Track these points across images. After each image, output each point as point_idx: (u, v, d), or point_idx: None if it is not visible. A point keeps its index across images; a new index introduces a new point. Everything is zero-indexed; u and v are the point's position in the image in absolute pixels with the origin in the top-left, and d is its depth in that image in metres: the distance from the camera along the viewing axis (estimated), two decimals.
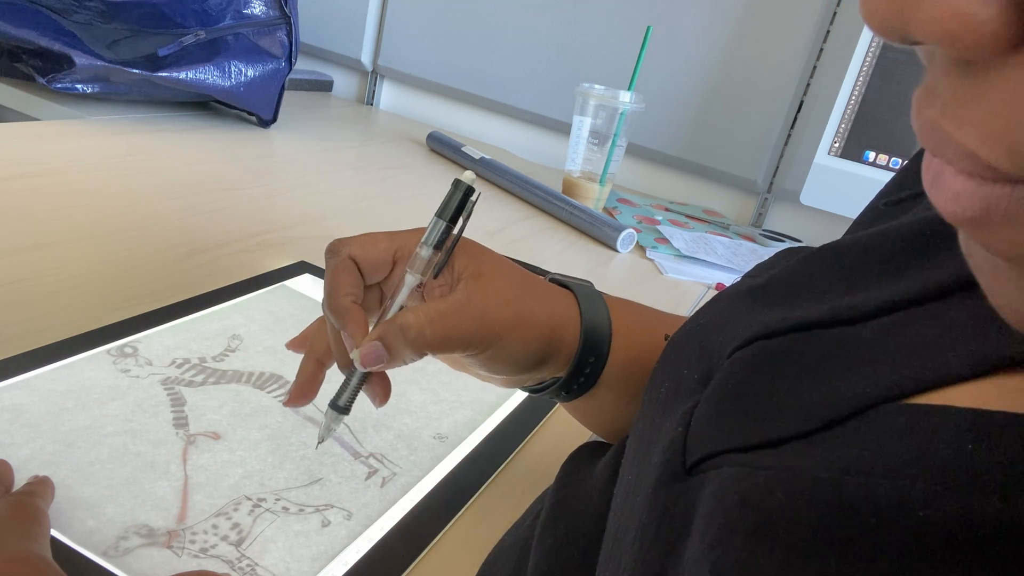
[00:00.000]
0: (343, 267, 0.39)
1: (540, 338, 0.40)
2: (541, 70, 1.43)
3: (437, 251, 0.39)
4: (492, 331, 0.38)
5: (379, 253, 0.40)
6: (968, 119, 0.14)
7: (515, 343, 0.39)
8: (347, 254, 0.40)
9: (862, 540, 0.16)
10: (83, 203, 0.76)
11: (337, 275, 0.39)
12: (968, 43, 0.13)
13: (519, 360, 0.40)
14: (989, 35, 0.12)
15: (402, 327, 0.37)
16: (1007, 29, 0.12)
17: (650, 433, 0.28)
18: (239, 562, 0.38)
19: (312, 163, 1.10)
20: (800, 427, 0.21)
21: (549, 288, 0.43)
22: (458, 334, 0.38)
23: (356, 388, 0.41)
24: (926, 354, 0.20)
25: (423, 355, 0.39)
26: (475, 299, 0.39)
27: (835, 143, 1.11)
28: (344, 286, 0.39)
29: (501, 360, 0.40)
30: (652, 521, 0.23)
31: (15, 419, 0.43)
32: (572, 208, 1.09)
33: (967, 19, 0.12)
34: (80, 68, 0.98)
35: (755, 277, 0.31)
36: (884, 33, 0.14)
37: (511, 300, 0.40)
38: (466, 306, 0.38)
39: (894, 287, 0.24)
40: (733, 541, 0.19)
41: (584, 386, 0.42)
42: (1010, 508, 0.15)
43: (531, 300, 0.41)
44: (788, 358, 0.24)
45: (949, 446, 0.17)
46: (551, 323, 0.41)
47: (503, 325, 0.39)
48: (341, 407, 0.41)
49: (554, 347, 0.41)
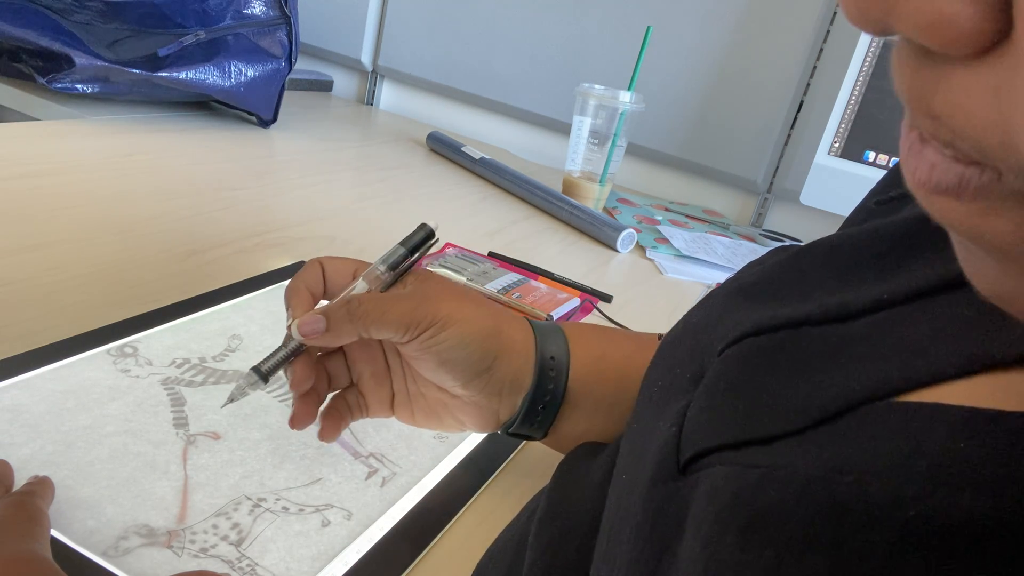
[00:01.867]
0: (309, 267, 0.45)
1: (483, 329, 0.42)
2: (541, 70, 1.43)
3: (391, 271, 0.43)
4: (431, 313, 0.41)
5: (344, 265, 0.45)
6: (947, 111, 0.14)
7: (456, 328, 0.41)
8: (316, 260, 0.45)
9: (853, 538, 0.16)
10: (83, 203, 0.76)
11: (302, 272, 0.45)
12: (949, 40, 0.13)
13: (463, 347, 0.41)
14: (970, 33, 0.12)
15: (347, 300, 0.41)
16: (988, 27, 0.12)
17: (644, 432, 0.28)
18: (239, 562, 0.38)
19: (312, 163, 1.10)
20: (792, 425, 0.21)
21: (499, 305, 0.47)
22: (397, 312, 0.41)
23: (283, 359, 0.42)
24: (917, 352, 0.21)
25: (363, 332, 0.41)
26: (419, 290, 0.43)
27: (835, 143, 1.11)
28: (303, 276, 0.44)
29: (444, 346, 0.41)
30: (646, 520, 0.23)
31: (15, 419, 0.43)
32: (572, 208, 1.09)
33: (950, 17, 0.13)
34: (80, 68, 0.98)
35: (746, 274, 0.31)
36: (863, 25, 0.14)
37: (456, 293, 0.43)
38: (409, 295, 0.42)
39: (884, 284, 0.24)
40: (725, 539, 0.19)
41: (552, 402, 0.44)
42: (1001, 505, 0.15)
43: (476, 303, 0.44)
44: (779, 355, 0.24)
45: (940, 444, 0.17)
46: (496, 319, 0.43)
47: (443, 310, 0.41)
48: (262, 372, 0.42)
49: (502, 344, 0.43)
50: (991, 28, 0.12)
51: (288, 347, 0.42)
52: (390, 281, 0.43)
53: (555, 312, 0.73)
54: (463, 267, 0.79)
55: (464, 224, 0.98)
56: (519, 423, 0.44)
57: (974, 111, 0.13)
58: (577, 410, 0.44)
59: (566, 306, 0.76)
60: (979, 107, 0.13)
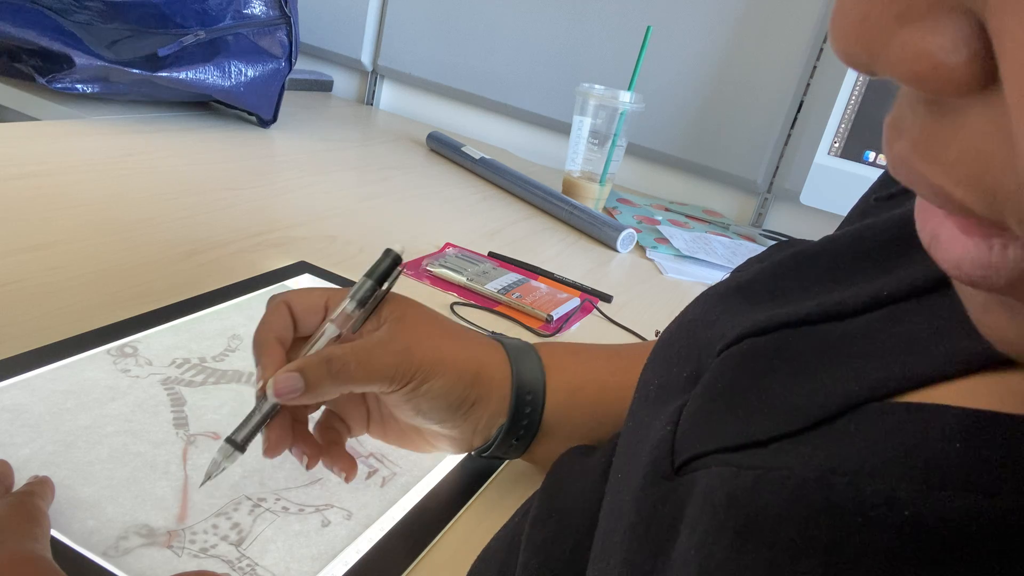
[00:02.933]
0: (274, 310, 0.42)
1: (465, 374, 0.42)
2: (541, 70, 1.43)
3: (361, 307, 0.41)
4: (415, 365, 0.40)
5: (312, 300, 0.43)
6: (938, 158, 0.14)
7: (438, 379, 0.41)
8: (281, 300, 0.42)
9: (848, 540, 0.16)
10: (83, 203, 0.76)
11: (267, 316, 0.42)
12: (937, 87, 0.13)
13: (444, 396, 0.41)
14: (958, 79, 0.12)
15: (327, 359, 0.38)
16: (976, 72, 0.12)
17: (639, 432, 0.28)
18: (239, 562, 0.38)
19: (312, 163, 1.10)
20: (788, 426, 0.21)
21: (477, 335, 0.45)
22: (381, 367, 0.39)
23: (259, 424, 0.39)
24: (915, 351, 0.20)
25: (344, 390, 0.39)
26: (399, 336, 0.41)
27: (835, 143, 1.11)
28: (270, 324, 0.41)
29: (427, 396, 0.41)
30: (641, 521, 0.23)
31: (15, 419, 0.43)
32: (572, 208, 1.09)
33: (936, 64, 0.12)
34: (80, 68, 0.98)
35: (743, 272, 0.31)
36: (849, 64, 0.14)
37: (435, 337, 0.42)
38: (389, 342, 0.40)
39: (882, 282, 0.24)
40: (720, 542, 0.18)
41: (528, 430, 0.44)
42: (996, 507, 0.15)
43: (456, 340, 0.43)
44: (777, 356, 0.24)
45: (937, 445, 0.17)
46: (476, 361, 0.43)
47: (426, 360, 0.40)
48: (238, 443, 0.39)
49: (482, 387, 0.42)
50: (979, 69, 0.12)
51: (263, 410, 0.39)
52: (363, 317, 0.41)
53: (555, 312, 0.74)
54: (463, 267, 0.78)
55: (464, 224, 0.98)
56: (493, 451, 0.45)
57: (992, 152, 0.13)
58: (552, 439, 0.45)
59: (566, 306, 0.76)
60: (994, 147, 0.13)
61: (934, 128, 0.14)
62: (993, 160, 0.12)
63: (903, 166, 0.15)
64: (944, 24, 0.12)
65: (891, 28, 0.13)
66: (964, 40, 0.12)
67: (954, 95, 0.13)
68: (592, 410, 0.45)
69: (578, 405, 0.45)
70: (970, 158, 0.13)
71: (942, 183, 0.14)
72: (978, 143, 0.13)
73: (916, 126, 0.14)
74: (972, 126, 0.13)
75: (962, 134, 0.13)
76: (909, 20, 0.12)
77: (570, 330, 0.74)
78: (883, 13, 0.13)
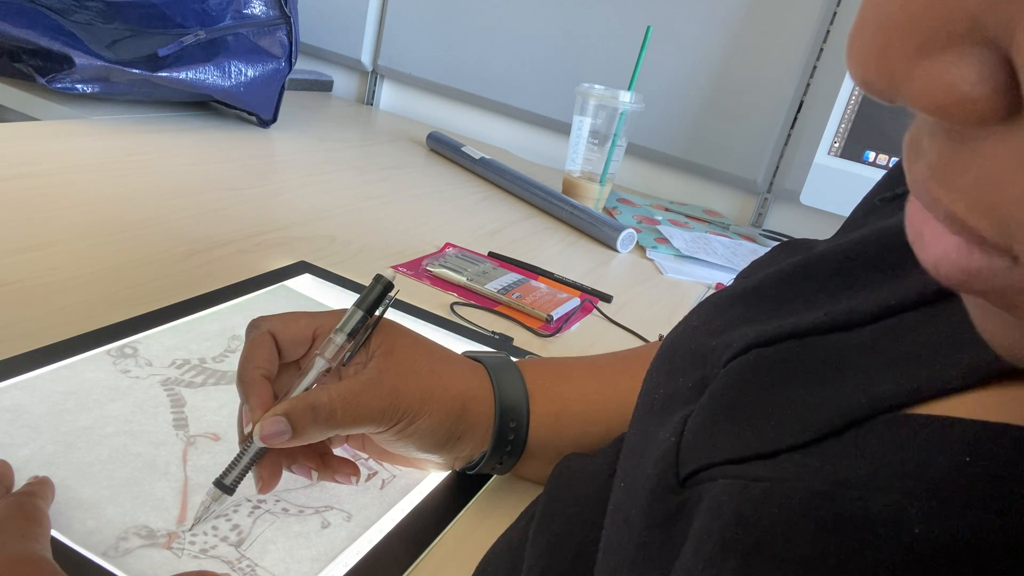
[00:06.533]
0: (259, 341, 0.40)
1: (452, 412, 0.42)
2: (541, 70, 1.43)
3: (351, 339, 0.40)
4: (402, 407, 0.40)
5: (299, 329, 0.41)
6: (955, 186, 0.13)
7: (426, 418, 0.41)
8: (266, 329, 0.41)
9: (858, 556, 0.16)
10: (83, 203, 0.76)
11: (251, 348, 0.40)
12: (961, 119, 0.12)
13: (431, 434, 0.41)
14: (982, 111, 0.12)
15: (313, 406, 0.38)
16: (1000, 105, 0.12)
17: (643, 441, 0.28)
18: (239, 563, 0.38)
19: (312, 163, 1.10)
20: (796, 438, 0.20)
21: (462, 363, 0.45)
22: (368, 412, 0.39)
23: (247, 466, 0.39)
24: (924, 362, 0.20)
25: (331, 434, 0.39)
26: (386, 376, 0.40)
27: (835, 143, 1.11)
28: (256, 359, 0.40)
29: (414, 435, 0.41)
30: (646, 532, 0.23)
31: (15, 419, 0.43)
32: (572, 208, 1.09)
33: (961, 96, 0.12)
34: (80, 68, 0.98)
35: (749, 277, 0.31)
36: (868, 92, 0.14)
37: (422, 375, 0.41)
38: (377, 384, 0.40)
39: (890, 290, 0.24)
40: (728, 562, 0.18)
41: (512, 454, 0.44)
42: (1007, 524, 0.15)
43: (443, 376, 0.42)
44: (784, 366, 0.24)
45: (947, 459, 0.17)
46: (463, 398, 0.42)
47: (413, 401, 0.40)
48: (227, 486, 0.39)
49: (468, 422, 0.43)
50: (1003, 101, 0.12)
51: (250, 453, 0.39)
52: (354, 348, 0.41)
53: (555, 312, 0.74)
54: (463, 267, 0.78)
55: (464, 224, 0.98)
56: (477, 471, 0.45)
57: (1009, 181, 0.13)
58: (538, 460, 0.45)
59: (566, 306, 0.76)
60: (1011, 176, 0.12)
61: (951, 155, 0.13)
62: (1010, 189, 0.12)
63: (921, 188, 0.14)
64: (968, 56, 0.12)
65: (912, 59, 0.12)
66: (990, 72, 0.12)
67: (977, 126, 0.12)
68: (578, 430, 0.46)
69: (563, 428, 0.45)
70: (986, 186, 0.13)
71: (956, 209, 0.13)
72: (995, 172, 0.13)
73: (933, 151, 0.14)
74: (990, 154, 0.13)
75: (979, 162, 0.13)
76: (931, 52, 0.12)
77: (570, 330, 0.74)
78: (904, 44, 0.13)
